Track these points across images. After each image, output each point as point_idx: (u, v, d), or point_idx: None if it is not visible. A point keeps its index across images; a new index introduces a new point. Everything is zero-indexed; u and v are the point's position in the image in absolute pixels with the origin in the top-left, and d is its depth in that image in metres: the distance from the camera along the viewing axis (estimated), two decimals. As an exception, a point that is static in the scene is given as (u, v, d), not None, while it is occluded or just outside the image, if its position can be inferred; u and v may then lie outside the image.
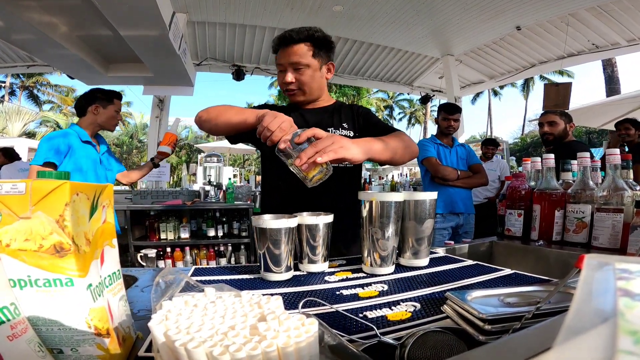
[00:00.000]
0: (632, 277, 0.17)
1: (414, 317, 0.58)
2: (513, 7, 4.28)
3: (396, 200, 0.84)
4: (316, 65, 1.20)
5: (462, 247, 1.26)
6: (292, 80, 1.19)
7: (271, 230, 0.79)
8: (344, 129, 1.26)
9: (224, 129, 1.11)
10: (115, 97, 2.12)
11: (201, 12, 4.42)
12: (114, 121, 2.12)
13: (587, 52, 5.13)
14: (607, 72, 16.19)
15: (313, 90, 1.24)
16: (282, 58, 1.18)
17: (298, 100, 1.26)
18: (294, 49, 1.16)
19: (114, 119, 2.11)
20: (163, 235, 3.60)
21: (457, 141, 2.75)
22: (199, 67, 5.45)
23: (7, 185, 0.36)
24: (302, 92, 1.23)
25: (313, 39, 1.18)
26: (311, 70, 1.19)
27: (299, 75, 1.19)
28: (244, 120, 1.02)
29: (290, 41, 1.17)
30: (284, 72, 1.19)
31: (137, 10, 2.42)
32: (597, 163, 1.20)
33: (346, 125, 1.27)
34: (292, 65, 1.18)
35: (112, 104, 2.09)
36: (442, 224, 2.52)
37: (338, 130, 1.25)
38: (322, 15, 4.47)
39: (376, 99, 27.84)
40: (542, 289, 0.59)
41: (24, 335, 0.36)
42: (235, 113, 1.06)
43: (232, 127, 1.08)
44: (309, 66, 1.18)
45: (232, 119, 1.06)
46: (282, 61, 1.18)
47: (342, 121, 1.28)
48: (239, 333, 0.32)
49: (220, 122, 1.09)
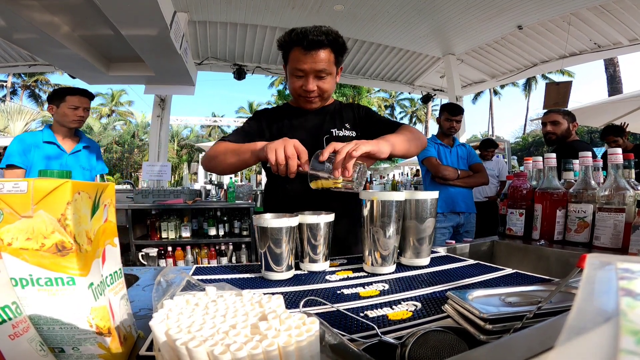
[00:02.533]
0: (634, 277, 0.17)
1: (415, 317, 0.58)
2: (514, 6, 4.26)
3: (397, 199, 0.84)
4: (335, 72, 1.15)
5: (463, 247, 1.26)
6: (314, 88, 1.13)
7: (272, 230, 0.79)
8: (347, 129, 1.25)
9: (231, 172, 1.12)
10: (68, 94, 2.11)
11: (202, 12, 4.41)
12: (70, 118, 2.11)
13: (589, 52, 5.11)
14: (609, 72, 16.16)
15: (329, 96, 1.21)
16: (304, 64, 1.08)
17: (314, 107, 1.22)
18: (320, 55, 1.07)
19: (67, 116, 2.10)
20: (164, 234, 3.61)
21: (457, 141, 2.75)
22: (200, 67, 5.45)
23: (9, 184, 0.36)
24: (321, 99, 1.19)
25: (337, 45, 1.11)
26: (332, 77, 1.14)
27: (322, 83, 1.13)
28: (243, 161, 1.01)
29: (319, 45, 1.06)
30: (304, 77, 1.12)
31: (138, 10, 2.41)
32: (599, 162, 1.20)
33: (348, 125, 1.26)
34: (315, 73, 1.10)
35: (63, 101, 2.09)
36: (443, 223, 2.52)
37: (341, 130, 1.24)
38: (323, 14, 4.47)
39: (377, 99, 27.84)
40: (543, 288, 0.59)
41: (25, 334, 0.36)
42: (233, 155, 1.04)
43: (236, 169, 1.07)
44: (331, 74, 1.13)
45: (232, 163, 1.04)
46: (306, 67, 1.08)
47: (343, 121, 1.27)
48: (240, 332, 0.32)
49: (225, 169, 1.09)
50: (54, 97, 2.11)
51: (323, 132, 1.22)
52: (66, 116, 2.10)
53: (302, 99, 1.18)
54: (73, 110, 2.11)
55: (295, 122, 1.24)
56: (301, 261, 0.90)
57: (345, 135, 1.23)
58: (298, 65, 1.09)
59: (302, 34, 1.06)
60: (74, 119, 2.13)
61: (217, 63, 5.67)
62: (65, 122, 2.13)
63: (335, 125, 1.25)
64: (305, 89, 1.12)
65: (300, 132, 1.20)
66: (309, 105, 1.21)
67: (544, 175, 1.26)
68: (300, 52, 1.07)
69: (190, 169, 10.21)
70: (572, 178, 1.25)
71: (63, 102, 2.09)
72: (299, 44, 1.07)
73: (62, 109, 2.09)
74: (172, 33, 2.82)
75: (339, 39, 1.11)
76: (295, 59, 1.09)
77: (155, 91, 4.71)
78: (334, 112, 1.28)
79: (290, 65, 1.12)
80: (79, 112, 2.14)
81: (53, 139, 2.12)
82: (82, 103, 2.14)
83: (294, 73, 1.12)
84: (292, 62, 1.10)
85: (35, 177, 0.38)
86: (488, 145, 4.26)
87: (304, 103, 1.20)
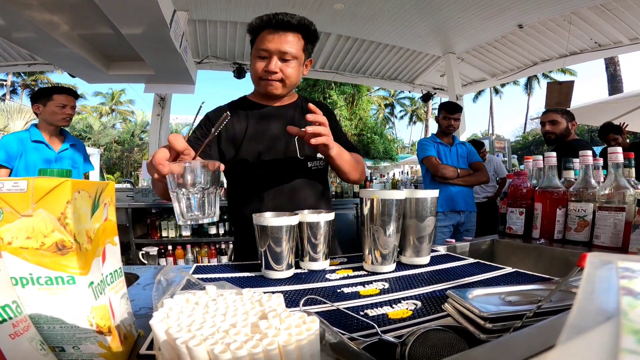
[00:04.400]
0: (634, 276, 0.17)
1: (415, 315, 0.58)
2: (515, 4, 4.25)
3: (397, 198, 0.84)
4: (301, 59, 1.11)
5: (463, 246, 1.26)
6: (277, 70, 1.07)
7: (272, 228, 0.79)
8: None
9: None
10: (55, 92, 2.13)
11: (202, 10, 4.41)
12: (58, 116, 2.14)
13: (590, 51, 5.10)
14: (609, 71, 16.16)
15: (292, 85, 1.14)
16: (270, 43, 1.04)
17: (275, 93, 1.13)
18: (288, 37, 1.05)
19: (56, 114, 2.13)
20: (164, 233, 3.61)
21: (457, 139, 2.75)
22: (200, 65, 5.44)
23: (8, 183, 0.36)
24: (283, 85, 1.12)
25: (307, 31, 1.09)
26: (297, 63, 1.10)
27: (285, 66, 1.08)
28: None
29: (287, 27, 1.05)
30: (268, 58, 1.07)
31: (138, 9, 2.41)
32: (599, 161, 1.20)
33: None
34: (280, 54, 1.06)
35: (50, 100, 2.11)
36: (443, 222, 2.52)
37: None
38: (323, 12, 4.46)
39: (377, 97, 27.83)
40: (543, 287, 0.59)
41: (26, 334, 0.36)
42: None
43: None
44: (297, 59, 1.09)
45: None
46: (270, 47, 1.04)
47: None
48: (240, 331, 0.32)
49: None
50: (41, 96, 2.13)
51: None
52: (55, 114, 2.13)
53: (263, 82, 1.10)
54: (61, 109, 2.14)
55: (261, 119, 1.17)
56: (301, 260, 0.90)
57: None
58: (263, 45, 1.05)
59: (273, 15, 1.04)
60: (63, 117, 2.16)
61: (217, 62, 5.66)
62: (53, 120, 2.15)
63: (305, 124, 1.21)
64: (267, 69, 1.06)
65: (268, 131, 1.16)
66: (271, 90, 1.12)
67: (544, 174, 1.26)
68: (267, 32, 1.05)
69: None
70: (572, 177, 1.25)
71: (50, 101, 2.12)
72: (267, 24, 1.05)
73: (50, 107, 2.12)
74: (172, 32, 2.81)
75: (311, 26, 1.08)
76: (260, 40, 1.06)
77: (155, 90, 4.71)
78: (299, 107, 1.24)
79: (255, 47, 1.08)
80: (67, 110, 2.16)
81: (41, 138, 2.15)
82: (69, 101, 2.17)
83: (258, 54, 1.08)
84: (258, 44, 1.07)
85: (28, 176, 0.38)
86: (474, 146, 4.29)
87: (264, 87, 1.12)
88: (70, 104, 2.18)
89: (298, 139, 1.16)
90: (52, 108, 2.12)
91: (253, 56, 1.10)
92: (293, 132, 0.92)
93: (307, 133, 0.86)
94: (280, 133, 1.16)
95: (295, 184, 1.15)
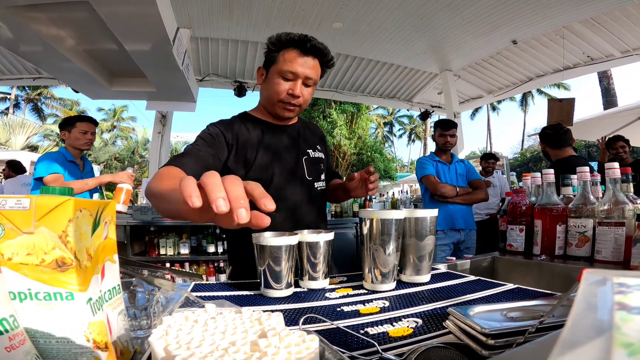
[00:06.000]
0: (629, 291, 0.17)
1: (416, 333, 0.57)
2: (508, 21, 4.36)
3: (397, 217, 0.84)
4: (315, 86, 1.12)
5: (464, 263, 1.25)
6: (300, 94, 1.06)
7: (272, 248, 0.79)
8: (318, 151, 1.25)
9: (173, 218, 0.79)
10: (78, 120, 2.46)
11: (204, 28, 4.50)
12: (81, 141, 2.45)
13: (583, 65, 5.19)
14: (603, 85, 16.36)
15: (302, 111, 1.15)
16: (299, 66, 1.02)
17: (290, 116, 1.14)
18: (313, 62, 1.04)
19: (79, 140, 2.44)
20: (162, 251, 3.59)
21: (456, 157, 2.76)
22: (201, 83, 5.52)
23: (11, 201, 0.37)
24: (300, 110, 1.12)
25: (326, 60, 1.08)
26: (314, 88, 1.11)
27: (306, 92, 1.08)
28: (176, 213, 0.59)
29: (314, 52, 1.04)
30: (292, 81, 1.05)
31: (142, 25, 2.47)
32: (597, 177, 1.21)
33: (318, 147, 1.26)
34: (305, 79, 1.05)
35: (74, 127, 2.42)
36: (443, 240, 2.51)
37: (315, 152, 1.23)
38: (322, 31, 4.56)
39: (376, 115, 28.10)
40: (545, 303, 0.59)
41: (21, 347, 0.36)
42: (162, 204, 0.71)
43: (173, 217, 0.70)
44: (315, 84, 1.09)
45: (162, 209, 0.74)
46: (299, 70, 1.02)
47: (315, 142, 1.26)
48: (239, 349, 0.32)
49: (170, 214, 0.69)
50: (66, 124, 2.46)
51: (301, 154, 1.18)
52: (78, 140, 2.44)
53: (281, 105, 1.08)
54: (83, 135, 2.45)
55: (269, 139, 1.14)
56: (301, 279, 0.90)
57: (318, 157, 1.23)
58: (291, 67, 1.02)
59: (302, 36, 1.03)
60: (85, 142, 2.47)
61: (218, 79, 5.75)
62: (78, 144, 2.45)
63: (310, 146, 1.22)
64: (293, 92, 1.04)
65: (278, 150, 1.14)
66: (286, 114, 1.10)
67: (542, 191, 1.26)
68: (296, 54, 1.02)
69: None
70: (570, 193, 1.26)
71: (74, 128, 2.42)
72: (297, 46, 1.03)
73: (74, 133, 2.42)
74: (175, 49, 2.87)
75: (328, 54, 1.08)
76: (289, 60, 1.02)
77: (157, 107, 4.75)
78: (302, 131, 1.25)
79: (279, 66, 1.04)
80: (88, 135, 2.47)
81: (73, 159, 2.45)
82: (90, 128, 2.48)
83: (283, 75, 1.04)
84: (284, 64, 1.03)
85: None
86: (488, 157, 4.33)
87: (281, 110, 1.09)
88: (91, 130, 2.48)
89: (306, 159, 1.18)
90: (75, 134, 2.42)
91: (275, 73, 1.06)
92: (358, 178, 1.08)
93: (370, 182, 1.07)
94: (289, 153, 1.16)
95: (300, 203, 1.16)
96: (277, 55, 1.05)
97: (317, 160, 1.23)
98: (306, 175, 1.17)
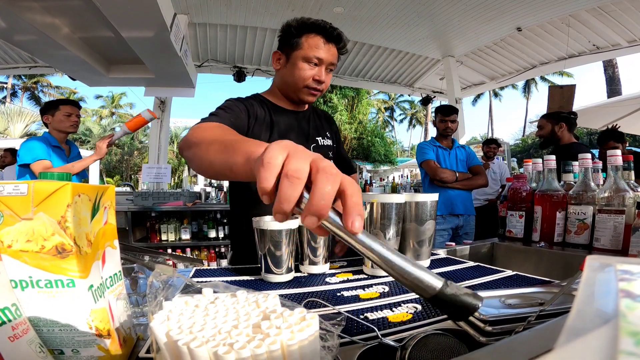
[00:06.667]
0: (633, 279, 0.17)
1: (415, 319, 0.58)
2: (513, 8, 4.28)
3: (397, 202, 0.84)
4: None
5: (463, 249, 1.26)
6: (324, 80, 1.08)
7: (272, 232, 0.79)
8: (327, 138, 1.24)
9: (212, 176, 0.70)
10: (61, 103, 2.38)
11: (202, 14, 4.43)
12: (66, 123, 2.37)
13: (588, 53, 5.12)
14: (608, 73, 16.20)
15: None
16: (325, 53, 1.05)
17: (312, 101, 1.15)
18: (334, 49, 1.07)
19: (64, 122, 2.36)
20: (164, 237, 3.61)
21: (457, 143, 2.75)
22: (200, 69, 5.46)
23: (9, 187, 0.36)
24: (320, 94, 1.13)
25: (342, 47, 1.10)
26: (331, 75, 1.12)
27: (328, 78, 1.10)
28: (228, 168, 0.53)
29: (338, 40, 1.07)
30: (319, 66, 1.06)
31: (138, 12, 2.42)
32: (599, 164, 1.20)
33: (328, 134, 1.26)
34: (328, 65, 1.07)
35: (57, 110, 2.35)
36: (441, 226, 2.53)
37: (325, 139, 1.23)
38: (322, 16, 4.42)
39: (377, 101, 27.90)
40: (543, 290, 0.59)
41: (25, 336, 0.36)
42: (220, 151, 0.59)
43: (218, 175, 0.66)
44: (333, 70, 1.11)
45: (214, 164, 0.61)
46: (324, 56, 1.05)
47: (324, 129, 1.26)
48: (242, 332, 0.32)
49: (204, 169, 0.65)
50: (49, 108, 2.37)
51: (310, 141, 1.19)
52: (62, 122, 2.36)
53: (306, 90, 1.09)
54: (67, 117, 2.37)
55: (282, 124, 1.16)
56: (301, 263, 0.90)
57: (327, 145, 1.23)
58: (317, 53, 1.04)
59: (327, 24, 1.05)
60: (70, 124, 2.39)
61: (217, 65, 5.68)
62: (62, 127, 2.37)
63: (319, 133, 1.23)
64: (319, 78, 1.06)
65: (289, 136, 1.14)
66: (310, 99, 1.12)
67: (543, 177, 1.26)
68: (321, 40, 1.04)
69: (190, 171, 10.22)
70: (571, 180, 1.25)
71: (58, 111, 2.35)
72: (321, 32, 1.04)
73: (58, 116, 2.35)
74: (173, 35, 2.82)
75: (345, 42, 1.10)
76: (314, 46, 1.04)
77: (156, 93, 4.72)
78: (312, 117, 1.25)
79: (303, 52, 1.05)
80: (73, 118, 2.40)
81: (58, 144, 2.37)
82: (74, 111, 2.41)
83: (308, 60, 1.05)
84: (309, 49, 1.04)
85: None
86: (490, 142, 4.32)
87: (305, 95, 1.11)
88: (75, 113, 2.41)
89: (314, 146, 1.18)
90: (59, 117, 2.35)
91: (298, 59, 1.06)
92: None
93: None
94: (297, 138, 1.16)
95: None
96: (300, 41, 1.06)
97: (326, 147, 1.23)
98: None
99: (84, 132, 22.46)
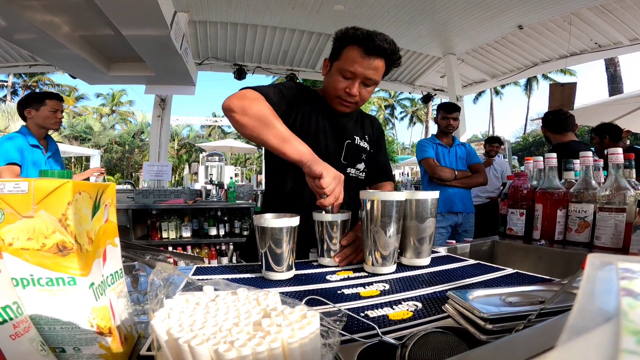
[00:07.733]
0: (634, 277, 0.17)
1: (416, 317, 0.58)
2: (515, 6, 4.26)
3: (398, 199, 0.84)
4: (377, 84, 1.11)
5: (463, 247, 1.26)
6: (357, 94, 1.07)
7: (273, 230, 0.79)
8: (365, 141, 1.25)
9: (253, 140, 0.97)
10: (47, 98, 2.21)
11: (202, 12, 4.42)
12: (51, 120, 2.22)
13: (590, 51, 5.10)
14: (609, 71, 16.13)
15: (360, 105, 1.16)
16: (359, 67, 1.03)
17: (345, 112, 1.15)
18: (376, 63, 1.03)
19: (49, 118, 2.21)
20: (165, 234, 3.62)
21: (457, 140, 2.75)
22: (201, 67, 5.45)
23: (9, 184, 0.36)
24: (355, 106, 1.13)
25: (392, 59, 1.07)
26: (374, 87, 1.10)
27: (365, 91, 1.09)
28: (282, 152, 0.89)
29: (379, 53, 1.02)
30: (352, 80, 1.06)
31: (138, 10, 2.42)
32: (600, 162, 1.20)
33: (367, 137, 1.26)
34: (364, 79, 1.05)
35: (43, 104, 2.19)
36: (440, 223, 2.53)
37: (362, 141, 1.23)
38: (323, 14, 4.47)
39: (377, 98, 27.86)
40: (544, 288, 0.59)
41: (26, 334, 0.36)
42: (274, 136, 0.90)
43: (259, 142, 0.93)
44: (376, 84, 1.09)
45: (269, 141, 0.91)
46: (358, 71, 1.03)
47: (365, 132, 1.26)
48: (242, 329, 0.33)
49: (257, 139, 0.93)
50: (33, 101, 2.20)
51: (346, 137, 1.19)
52: (48, 118, 2.21)
53: (338, 100, 1.11)
54: (53, 113, 2.22)
55: (324, 119, 1.17)
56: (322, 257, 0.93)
57: (363, 147, 1.23)
58: (351, 67, 1.03)
59: (369, 35, 1.02)
60: (55, 121, 2.25)
61: (217, 63, 5.68)
62: (46, 124, 2.23)
63: (358, 134, 1.23)
64: (349, 91, 1.06)
65: (326, 131, 1.16)
66: (342, 109, 1.13)
67: (544, 175, 1.26)
68: (358, 53, 1.02)
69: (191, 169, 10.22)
70: (572, 178, 1.25)
71: (44, 106, 2.19)
72: (361, 45, 1.02)
73: (43, 112, 2.19)
74: (173, 33, 2.82)
75: (396, 54, 1.07)
76: (350, 59, 1.03)
77: (156, 91, 4.72)
78: (357, 119, 1.26)
79: (340, 63, 1.06)
80: (59, 114, 2.25)
81: (37, 143, 2.22)
82: (60, 106, 2.26)
83: (342, 73, 1.06)
84: (345, 62, 1.04)
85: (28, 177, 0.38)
86: (493, 140, 4.31)
87: (337, 105, 1.13)
88: (60, 109, 2.28)
89: (349, 143, 1.18)
90: (45, 113, 2.20)
91: (336, 69, 1.08)
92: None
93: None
94: (334, 132, 1.17)
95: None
96: (341, 51, 1.06)
97: (360, 148, 1.22)
98: (341, 158, 1.17)
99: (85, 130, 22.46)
